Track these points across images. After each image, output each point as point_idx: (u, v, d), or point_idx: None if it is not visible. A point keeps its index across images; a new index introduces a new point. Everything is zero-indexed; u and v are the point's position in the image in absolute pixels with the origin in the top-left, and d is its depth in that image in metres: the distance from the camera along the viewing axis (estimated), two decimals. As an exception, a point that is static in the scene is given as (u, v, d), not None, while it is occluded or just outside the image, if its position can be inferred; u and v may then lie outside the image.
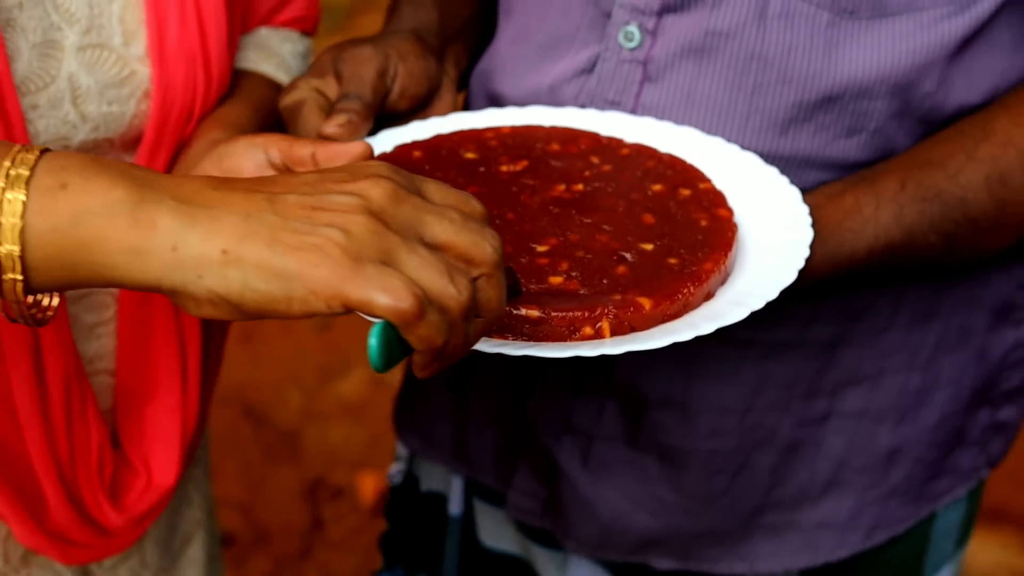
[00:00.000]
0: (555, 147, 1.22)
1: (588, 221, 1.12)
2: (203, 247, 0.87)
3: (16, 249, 0.87)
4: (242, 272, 0.86)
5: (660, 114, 1.30)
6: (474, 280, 0.91)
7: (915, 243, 1.25)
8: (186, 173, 1.25)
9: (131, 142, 1.27)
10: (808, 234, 1.12)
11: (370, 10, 4.90)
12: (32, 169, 0.88)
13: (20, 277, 0.88)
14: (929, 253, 1.26)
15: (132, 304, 1.31)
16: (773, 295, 1.05)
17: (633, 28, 1.29)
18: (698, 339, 1.14)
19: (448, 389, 1.54)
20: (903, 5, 1.25)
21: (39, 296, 0.99)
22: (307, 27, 1.48)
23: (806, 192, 1.25)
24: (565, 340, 1.02)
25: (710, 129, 1.28)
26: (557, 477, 1.46)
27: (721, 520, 1.45)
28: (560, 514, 1.48)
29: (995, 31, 1.29)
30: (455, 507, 1.62)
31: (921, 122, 1.29)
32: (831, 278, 1.25)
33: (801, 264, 1.09)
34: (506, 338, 1.03)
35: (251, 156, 1.19)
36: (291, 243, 0.87)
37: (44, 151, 0.90)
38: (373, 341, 0.86)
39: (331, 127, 1.22)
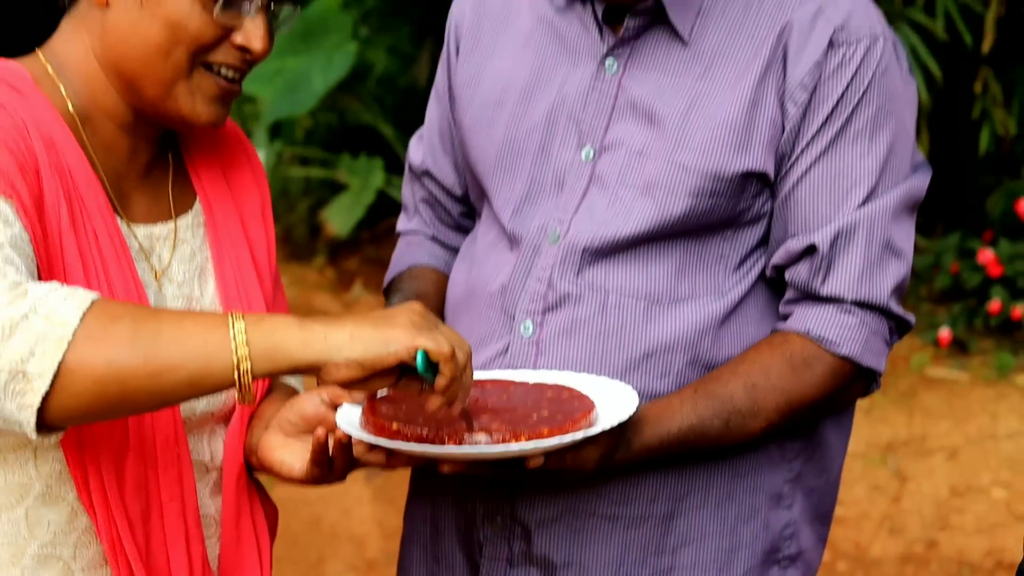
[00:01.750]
0: (488, 385, 2.07)
1: (510, 408, 1.97)
2: (340, 335, 1.68)
3: (247, 350, 1.66)
4: (363, 344, 1.68)
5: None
6: None
7: (705, 425, 2.09)
8: (267, 426, 2.05)
9: (226, 414, 2.05)
10: (635, 402, 1.96)
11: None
12: (241, 313, 1.68)
13: (249, 365, 1.66)
14: (715, 432, 2.10)
15: (230, 522, 2.03)
16: (614, 423, 1.89)
17: (528, 323, 2.17)
18: (586, 515, 1.99)
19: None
20: (687, 295, 2.14)
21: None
22: None
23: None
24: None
25: None
26: (502, 627, 2.22)
27: (613, 646, 2.21)
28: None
29: (746, 309, 2.18)
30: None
31: (706, 368, 2.15)
32: (658, 450, 2.07)
33: (631, 412, 1.93)
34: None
35: (312, 399, 2.01)
36: (384, 326, 1.70)
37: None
38: (419, 362, 1.69)
39: None
